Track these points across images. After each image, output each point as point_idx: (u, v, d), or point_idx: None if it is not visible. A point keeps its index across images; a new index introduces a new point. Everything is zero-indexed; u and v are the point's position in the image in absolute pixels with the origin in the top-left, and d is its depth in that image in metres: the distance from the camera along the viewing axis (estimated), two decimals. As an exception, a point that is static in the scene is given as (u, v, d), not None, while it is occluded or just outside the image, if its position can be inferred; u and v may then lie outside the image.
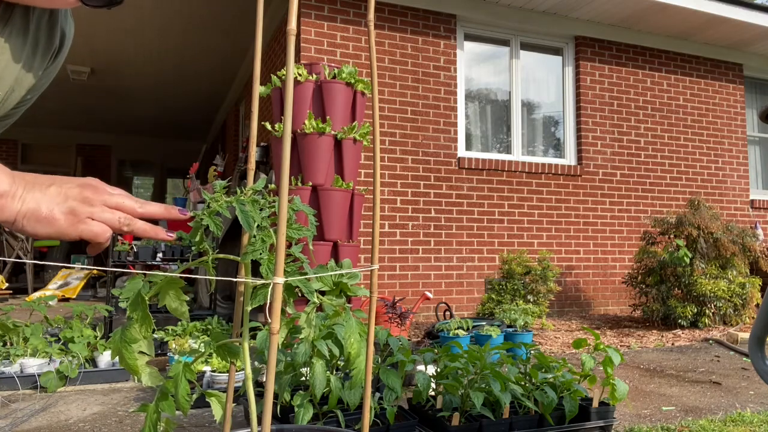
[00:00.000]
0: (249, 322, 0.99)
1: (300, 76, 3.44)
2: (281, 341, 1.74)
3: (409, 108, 5.56)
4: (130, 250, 4.40)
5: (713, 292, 4.75)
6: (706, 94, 7.02)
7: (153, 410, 1.01)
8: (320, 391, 1.69)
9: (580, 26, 6.34)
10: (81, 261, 8.94)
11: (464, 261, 5.66)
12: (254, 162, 1.00)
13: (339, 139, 3.45)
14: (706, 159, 6.97)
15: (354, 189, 3.48)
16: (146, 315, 0.92)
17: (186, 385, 0.99)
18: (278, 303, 0.65)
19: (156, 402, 1.01)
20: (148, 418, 1.01)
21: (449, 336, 3.62)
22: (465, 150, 5.90)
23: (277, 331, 0.66)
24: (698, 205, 5.26)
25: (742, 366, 3.58)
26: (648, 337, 4.53)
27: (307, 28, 5.24)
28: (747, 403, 2.74)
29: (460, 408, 2.02)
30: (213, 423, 2.39)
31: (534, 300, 4.98)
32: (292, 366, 1.89)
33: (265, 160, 5.74)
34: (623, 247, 6.41)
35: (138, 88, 9.41)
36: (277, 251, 0.65)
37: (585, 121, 6.33)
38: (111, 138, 12.39)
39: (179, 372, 1.00)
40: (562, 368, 2.20)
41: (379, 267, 5.27)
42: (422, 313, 5.28)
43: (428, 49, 5.69)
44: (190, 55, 7.87)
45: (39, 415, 2.51)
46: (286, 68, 0.75)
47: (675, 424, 2.39)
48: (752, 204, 7.20)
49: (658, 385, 3.10)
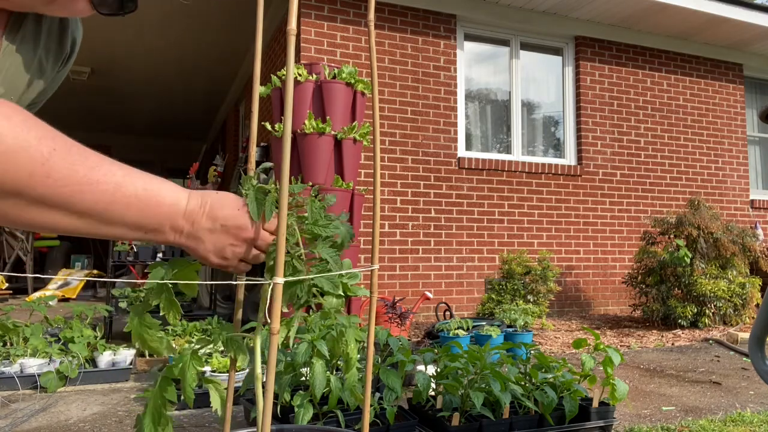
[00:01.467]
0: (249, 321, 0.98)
1: (300, 76, 3.44)
2: (281, 341, 1.74)
3: (409, 108, 5.56)
4: (130, 250, 4.40)
5: (713, 292, 4.75)
6: (706, 94, 7.02)
7: (156, 395, 1.00)
8: (320, 391, 1.69)
9: (580, 26, 6.34)
10: (81, 261, 8.94)
11: (464, 261, 5.66)
12: (254, 162, 1.01)
13: (339, 139, 3.45)
14: (706, 159, 6.97)
15: (354, 189, 3.48)
16: (172, 301, 0.95)
17: (193, 372, 1.00)
18: (278, 303, 0.65)
19: (159, 386, 1.00)
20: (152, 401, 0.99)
21: (449, 336, 3.62)
22: (465, 150, 5.90)
23: (277, 331, 0.66)
24: (698, 205, 5.26)
25: (742, 366, 3.58)
26: (648, 337, 4.53)
27: (307, 28, 5.24)
28: (747, 403, 2.74)
29: (460, 408, 2.02)
30: (213, 423, 2.39)
31: (534, 300, 4.98)
32: (292, 366, 1.89)
33: (265, 160, 5.74)
34: (623, 247, 6.41)
35: (138, 88, 9.41)
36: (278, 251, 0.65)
37: (585, 121, 6.33)
38: (111, 138, 12.39)
39: (186, 358, 1.01)
40: (562, 368, 2.20)
41: (380, 267, 5.26)
42: (422, 313, 5.28)
43: (428, 49, 5.69)
44: (190, 55, 7.87)
45: (39, 415, 2.51)
46: (286, 68, 0.76)
47: (675, 424, 2.39)
48: (752, 204, 7.20)
49: (658, 385, 3.10)
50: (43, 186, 0.67)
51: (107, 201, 0.72)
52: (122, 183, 0.74)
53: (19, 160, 0.65)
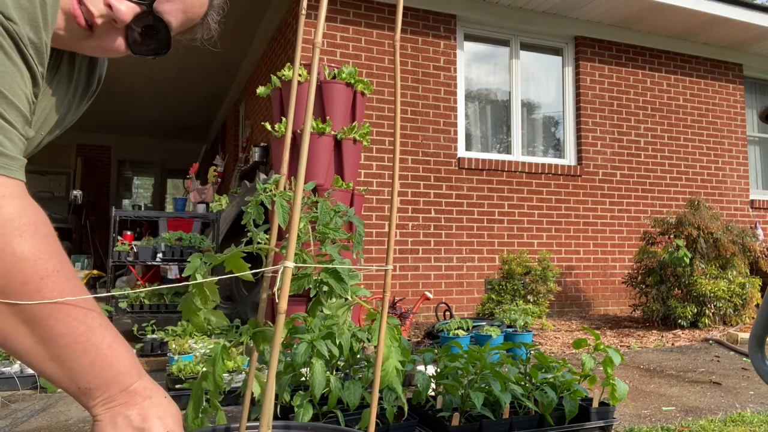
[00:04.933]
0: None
1: (300, 76, 3.44)
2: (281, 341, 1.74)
3: (409, 108, 5.56)
4: (130, 251, 4.39)
5: (713, 292, 4.75)
6: (706, 95, 7.03)
7: (197, 386, 1.21)
8: (320, 391, 1.69)
9: (580, 26, 6.34)
10: (81, 261, 8.94)
11: (464, 261, 5.66)
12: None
13: (339, 140, 3.45)
14: (706, 159, 6.97)
15: (354, 189, 3.49)
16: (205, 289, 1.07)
17: (222, 365, 1.15)
18: (287, 285, 0.70)
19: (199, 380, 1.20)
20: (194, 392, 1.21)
21: (449, 336, 3.62)
22: (465, 150, 5.90)
23: (284, 311, 0.71)
24: (698, 205, 5.26)
25: (742, 366, 3.58)
26: (648, 337, 4.53)
27: (307, 28, 5.24)
28: (747, 403, 2.74)
29: (460, 408, 2.02)
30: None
31: (534, 300, 4.97)
32: (291, 366, 1.89)
33: (265, 160, 5.74)
34: (623, 248, 6.41)
35: (138, 88, 9.41)
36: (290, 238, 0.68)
37: (585, 121, 6.33)
38: (111, 138, 12.38)
39: (217, 352, 1.18)
40: (562, 368, 2.19)
41: (379, 267, 5.26)
42: (422, 314, 5.28)
43: (428, 49, 5.68)
44: (190, 55, 7.87)
45: (39, 416, 2.51)
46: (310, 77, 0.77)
47: (675, 424, 2.39)
48: (752, 204, 7.20)
49: (658, 385, 3.10)
50: (29, 298, 0.67)
51: (72, 339, 0.70)
52: (95, 329, 0.72)
53: (25, 267, 0.67)
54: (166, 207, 12.80)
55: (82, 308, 0.71)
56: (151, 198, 13.37)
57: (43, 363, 0.70)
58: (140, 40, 0.88)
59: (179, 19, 0.90)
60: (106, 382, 0.73)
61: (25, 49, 0.70)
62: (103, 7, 0.81)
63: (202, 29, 0.97)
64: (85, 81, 0.96)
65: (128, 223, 6.00)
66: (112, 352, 0.74)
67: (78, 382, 0.72)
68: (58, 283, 0.69)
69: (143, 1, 0.84)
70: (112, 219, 4.42)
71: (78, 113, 0.99)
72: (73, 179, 11.55)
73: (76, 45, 0.85)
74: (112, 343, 0.74)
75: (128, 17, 0.83)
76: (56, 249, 0.71)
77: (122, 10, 0.82)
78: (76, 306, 0.71)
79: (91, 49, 0.87)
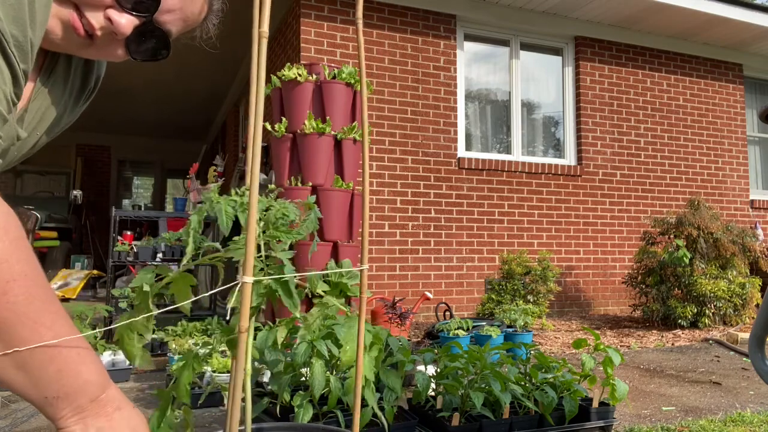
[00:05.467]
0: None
1: (300, 76, 3.44)
2: (281, 341, 1.75)
3: (408, 108, 5.56)
4: (130, 251, 4.39)
5: (713, 292, 4.75)
6: (706, 95, 7.03)
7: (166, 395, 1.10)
8: (319, 391, 1.69)
9: (580, 26, 6.35)
10: (81, 261, 8.94)
11: (464, 261, 5.66)
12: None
13: (339, 140, 3.45)
14: (706, 159, 6.97)
15: (354, 189, 3.48)
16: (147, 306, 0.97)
17: (189, 374, 1.04)
18: (247, 302, 0.64)
19: (170, 388, 1.10)
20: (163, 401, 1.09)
21: (449, 336, 3.62)
22: (465, 150, 5.90)
23: (245, 330, 0.65)
24: (698, 205, 5.26)
25: (742, 366, 3.58)
26: (648, 337, 4.53)
27: (307, 28, 5.24)
28: (747, 403, 2.74)
29: (460, 408, 2.02)
30: (213, 423, 2.39)
31: (534, 300, 4.97)
32: (291, 366, 1.89)
33: (265, 161, 5.73)
34: (623, 248, 6.41)
35: (138, 88, 9.40)
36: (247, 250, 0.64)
37: (585, 121, 6.33)
38: (111, 138, 12.37)
39: (188, 360, 1.07)
40: (562, 368, 2.19)
41: (379, 267, 5.27)
42: (422, 314, 5.28)
43: (428, 49, 5.69)
44: (190, 55, 7.87)
45: (39, 415, 2.51)
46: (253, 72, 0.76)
47: (675, 424, 2.39)
48: (752, 204, 7.20)
49: (658, 385, 3.10)
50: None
51: (38, 345, 0.67)
52: (62, 336, 0.70)
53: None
54: (166, 207, 12.79)
55: (51, 314, 0.69)
56: (151, 198, 13.37)
57: (7, 371, 0.67)
58: (140, 48, 0.88)
59: (179, 27, 0.91)
60: (74, 391, 0.70)
61: (6, 46, 0.69)
62: (104, 19, 0.81)
63: (200, 29, 0.98)
64: (81, 82, 0.95)
65: (128, 223, 6.00)
66: (80, 359, 0.71)
67: (44, 392, 0.69)
68: (25, 287, 0.66)
69: (143, 13, 0.83)
70: (112, 219, 4.42)
71: (75, 114, 0.99)
72: (73, 179, 11.55)
73: (76, 51, 0.86)
74: (81, 351, 0.72)
75: (128, 30, 0.83)
76: (26, 253, 0.68)
77: (122, 23, 0.82)
78: (44, 312, 0.68)
79: (90, 56, 0.88)
